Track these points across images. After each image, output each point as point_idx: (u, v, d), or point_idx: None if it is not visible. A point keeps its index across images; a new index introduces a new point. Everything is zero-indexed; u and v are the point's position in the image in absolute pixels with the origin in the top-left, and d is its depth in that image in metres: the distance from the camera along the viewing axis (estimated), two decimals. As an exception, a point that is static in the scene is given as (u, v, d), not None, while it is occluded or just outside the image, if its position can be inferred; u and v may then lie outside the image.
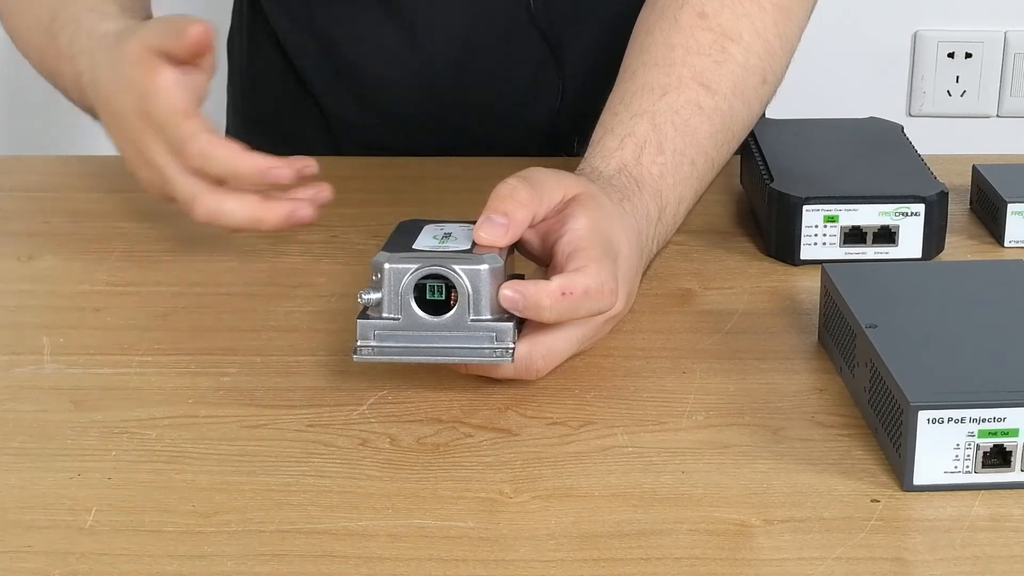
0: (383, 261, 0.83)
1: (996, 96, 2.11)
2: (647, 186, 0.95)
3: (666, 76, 1.00)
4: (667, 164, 0.97)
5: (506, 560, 0.71)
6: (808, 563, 0.71)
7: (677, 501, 0.76)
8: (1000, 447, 0.76)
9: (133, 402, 0.85)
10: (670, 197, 0.97)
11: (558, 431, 0.82)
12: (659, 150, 0.97)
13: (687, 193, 0.98)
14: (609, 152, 0.96)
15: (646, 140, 0.97)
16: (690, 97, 0.99)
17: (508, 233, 0.84)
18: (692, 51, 1.01)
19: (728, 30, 1.02)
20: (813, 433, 0.82)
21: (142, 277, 1.01)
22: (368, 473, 0.78)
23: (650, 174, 0.96)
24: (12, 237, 1.07)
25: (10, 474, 0.79)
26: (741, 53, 1.02)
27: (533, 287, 0.82)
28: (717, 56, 1.01)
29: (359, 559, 0.71)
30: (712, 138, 1.00)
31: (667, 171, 0.97)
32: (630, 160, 0.96)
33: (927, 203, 1.01)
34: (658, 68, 1.01)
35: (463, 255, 0.83)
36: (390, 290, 0.83)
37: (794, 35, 1.07)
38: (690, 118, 0.99)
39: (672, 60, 1.01)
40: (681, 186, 0.98)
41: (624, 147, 0.96)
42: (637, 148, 0.96)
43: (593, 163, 0.96)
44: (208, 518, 0.75)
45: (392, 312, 0.83)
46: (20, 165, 1.25)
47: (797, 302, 0.97)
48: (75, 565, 0.71)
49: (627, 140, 0.97)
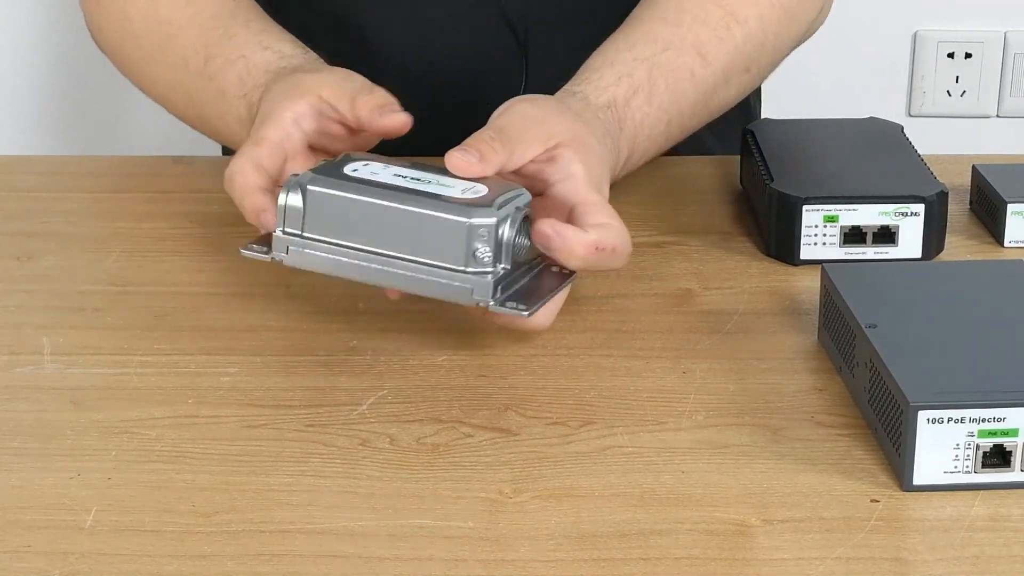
0: None
1: (996, 96, 2.11)
2: (627, 129, 0.99)
3: (671, 33, 1.03)
4: (648, 116, 1.00)
5: (506, 560, 0.71)
6: (808, 563, 0.71)
7: (677, 501, 0.76)
8: (1000, 447, 0.76)
9: (133, 402, 0.85)
10: (638, 148, 1.01)
11: (558, 431, 0.82)
12: (648, 100, 1.00)
13: (651, 149, 1.03)
14: (605, 85, 1.00)
15: (640, 86, 1.00)
16: (686, 61, 1.03)
17: (479, 166, 0.87)
18: (700, 20, 1.04)
19: (737, 12, 1.05)
20: (813, 433, 0.82)
21: (142, 277, 1.01)
22: (368, 473, 0.78)
23: (633, 119, 0.99)
24: (12, 237, 1.07)
25: (10, 474, 0.79)
26: (742, 37, 1.05)
27: (572, 232, 0.85)
28: (721, 33, 1.05)
29: (359, 559, 0.71)
30: (693, 106, 1.04)
31: (647, 123, 1.00)
32: (620, 100, 0.99)
33: (927, 203, 1.01)
34: (666, 24, 1.04)
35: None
36: None
37: (787, 42, 1.11)
38: (681, 80, 1.02)
39: (680, 21, 1.04)
40: (650, 142, 1.02)
41: (620, 84, 1.00)
42: (630, 90, 1.00)
43: (586, 90, 0.99)
44: (208, 518, 0.75)
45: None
46: (20, 165, 1.25)
47: (797, 302, 0.97)
48: (75, 565, 0.71)
49: (624, 80, 1.00)
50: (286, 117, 0.93)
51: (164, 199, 1.13)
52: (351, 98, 0.93)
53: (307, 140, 0.93)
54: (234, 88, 1.02)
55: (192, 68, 1.05)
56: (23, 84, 1.97)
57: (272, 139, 0.92)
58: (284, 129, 0.92)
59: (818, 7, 1.14)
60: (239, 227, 1.08)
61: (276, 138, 0.92)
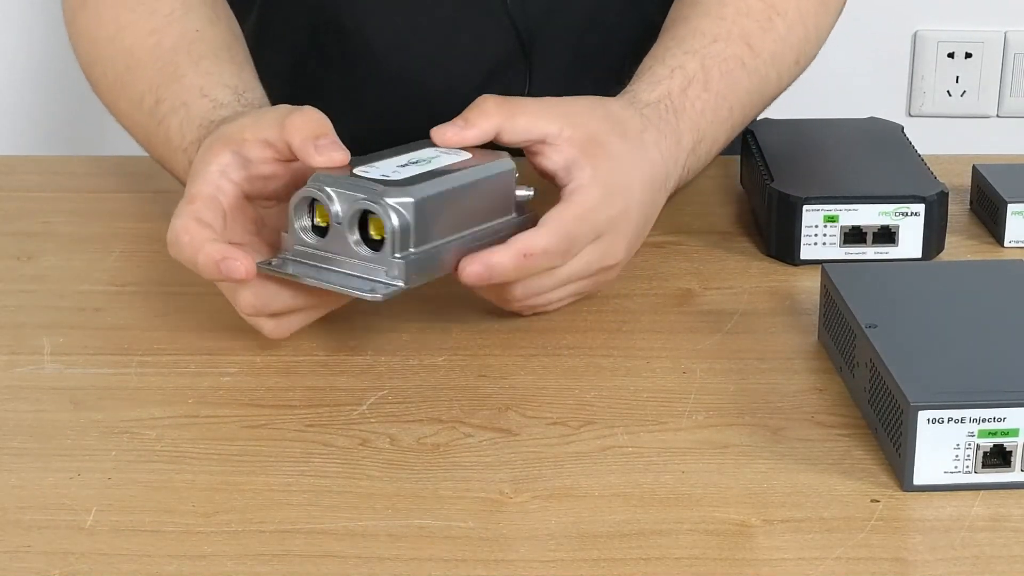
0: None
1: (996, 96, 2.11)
2: (686, 118, 0.99)
3: (717, 27, 1.05)
4: (709, 102, 1.01)
5: (506, 560, 0.71)
6: (808, 563, 0.71)
7: (677, 501, 0.76)
8: (1000, 447, 0.76)
9: (133, 402, 0.85)
10: (707, 132, 1.01)
11: (558, 431, 0.82)
12: (704, 87, 1.01)
13: (720, 135, 1.03)
14: (658, 79, 1.00)
15: (694, 76, 1.01)
16: (735, 51, 1.04)
17: (462, 133, 0.89)
18: (742, 12, 1.06)
19: (776, 3, 1.07)
20: (813, 433, 0.82)
21: (142, 277, 1.01)
22: (368, 473, 0.78)
23: (693, 107, 1.00)
24: (12, 237, 1.07)
25: (10, 474, 0.79)
26: (784, 27, 1.07)
27: (495, 254, 0.86)
28: (764, 23, 1.06)
29: (359, 559, 0.71)
30: (749, 94, 1.04)
31: (708, 108, 1.01)
32: (676, 90, 1.00)
33: (927, 203, 1.01)
34: (710, 18, 1.05)
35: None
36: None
37: (826, 29, 1.12)
38: (734, 69, 1.03)
39: (724, 15, 1.05)
40: (718, 126, 1.02)
41: (673, 77, 1.00)
42: (685, 81, 1.00)
43: (636, 87, 1.00)
44: (208, 518, 0.75)
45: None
46: (20, 165, 1.25)
47: (797, 302, 0.97)
48: (75, 565, 0.71)
49: (677, 72, 1.01)
50: (212, 171, 0.89)
51: (164, 199, 1.13)
52: (278, 124, 0.88)
53: (239, 191, 0.89)
54: (176, 139, 1.00)
55: (145, 108, 1.03)
56: (23, 84, 1.97)
57: (204, 194, 0.88)
58: (213, 183, 0.89)
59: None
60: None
61: (207, 193, 0.88)
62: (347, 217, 0.84)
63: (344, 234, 0.84)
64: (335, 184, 0.84)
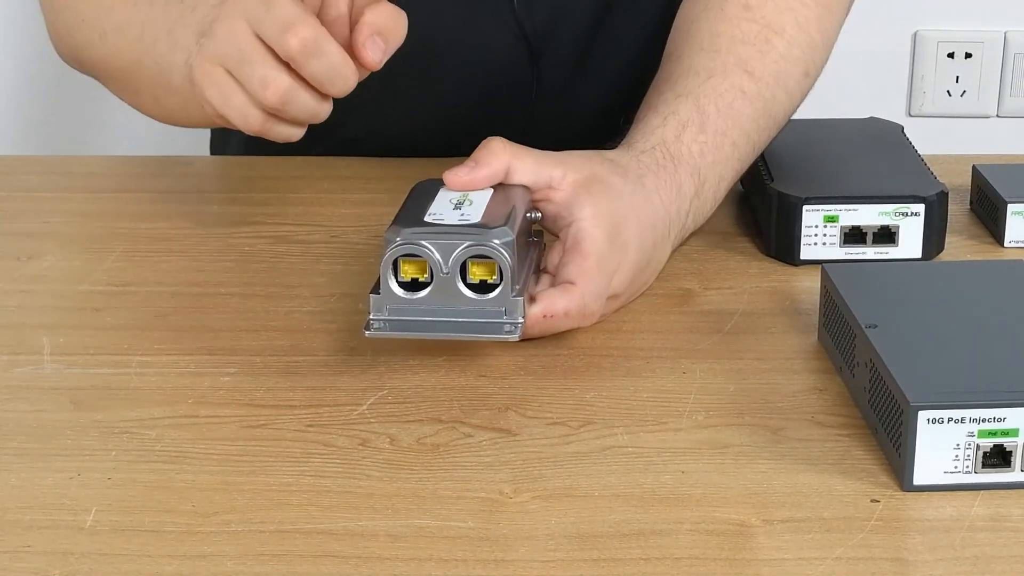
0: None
1: (996, 96, 2.11)
2: (684, 163, 0.98)
3: (711, 60, 1.03)
4: (708, 143, 1.00)
5: (506, 560, 0.71)
6: (808, 563, 0.71)
7: (677, 501, 0.76)
8: (1000, 447, 0.76)
9: (133, 402, 0.85)
10: (709, 175, 0.99)
11: (558, 431, 0.82)
12: (701, 129, 1.00)
13: (727, 172, 1.01)
14: (651, 129, 1.00)
15: (689, 119, 1.00)
16: (734, 82, 1.02)
17: (472, 173, 0.90)
18: (737, 40, 1.04)
19: (772, 22, 1.05)
20: (813, 433, 0.82)
21: (142, 277, 1.01)
22: (368, 473, 0.78)
23: (689, 152, 0.99)
24: (12, 237, 1.07)
25: (10, 474, 0.79)
26: (784, 45, 1.05)
27: None
28: (761, 46, 1.04)
29: (359, 559, 0.71)
30: (754, 121, 1.03)
31: (707, 150, 1.00)
32: (670, 137, 0.99)
33: (927, 203, 1.01)
34: (704, 53, 1.04)
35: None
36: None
37: (834, 31, 1.11)
38: (733, 101, 1.02)
39: (718, 46, 1.04)
40: (721, 165, 1.00)
41: (667, 124, 1.00)
42: (679, 126, 0.99)
43: (631, 138, 0.99)
44: (208, 518, 0.75)
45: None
46: (20, 165, 1.25)
47: (797, 302, 0.97)
48: (75, 565, 0.71)
49: (670, 119, 1.00)
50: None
51: (164, 199, 1.13)
52: None
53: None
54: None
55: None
56: (23, 84, 1.97)
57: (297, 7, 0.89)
58: None
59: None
60: (239, 227, 1.08)
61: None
62: (454, 265, 0.85)
63: (453, 282, 0.85)
64: (426, 237, 0.86)
